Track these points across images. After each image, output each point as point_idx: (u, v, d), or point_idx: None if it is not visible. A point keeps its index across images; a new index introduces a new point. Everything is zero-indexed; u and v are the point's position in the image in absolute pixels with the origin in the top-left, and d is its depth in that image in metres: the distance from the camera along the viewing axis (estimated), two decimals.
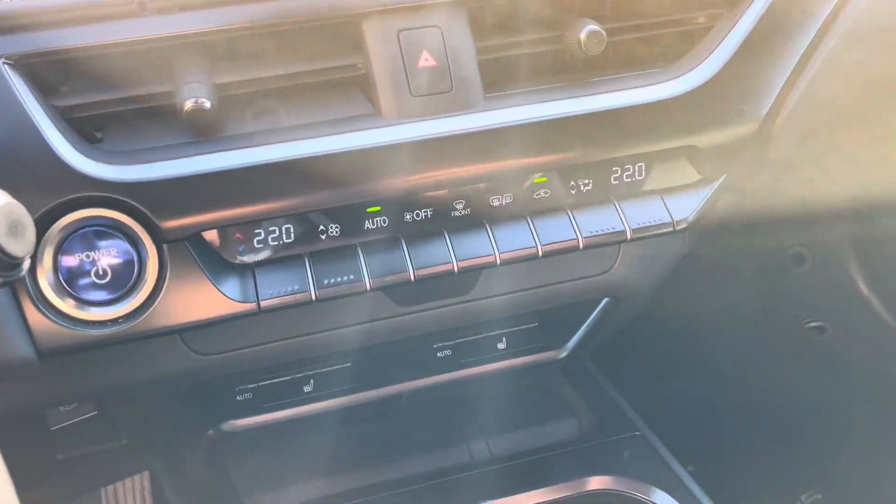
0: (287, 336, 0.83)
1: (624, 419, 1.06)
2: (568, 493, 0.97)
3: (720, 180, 0.80)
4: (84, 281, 0.65)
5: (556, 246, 0.75)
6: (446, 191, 0.74)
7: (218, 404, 0.83)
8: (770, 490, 1.90)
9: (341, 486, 0.99)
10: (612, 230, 0.76)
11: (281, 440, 1.06)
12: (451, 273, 0.73)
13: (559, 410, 1.12)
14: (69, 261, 0.64)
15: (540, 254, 0.75)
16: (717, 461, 1.08)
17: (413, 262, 0.72)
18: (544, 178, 0.76)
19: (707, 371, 2.02)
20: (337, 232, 0.73)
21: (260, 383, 0.84)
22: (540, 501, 0.95)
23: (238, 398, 0.83)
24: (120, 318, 0.66)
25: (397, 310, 0.86)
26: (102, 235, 0.65)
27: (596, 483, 0.98)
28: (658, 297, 1.11)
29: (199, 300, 0.68)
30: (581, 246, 0.75)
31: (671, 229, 0.77)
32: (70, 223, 0.64)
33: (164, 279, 0.67)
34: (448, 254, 0.73)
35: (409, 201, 0.73)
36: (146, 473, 1.46)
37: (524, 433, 1.08)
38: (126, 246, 0.66)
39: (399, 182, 0.71)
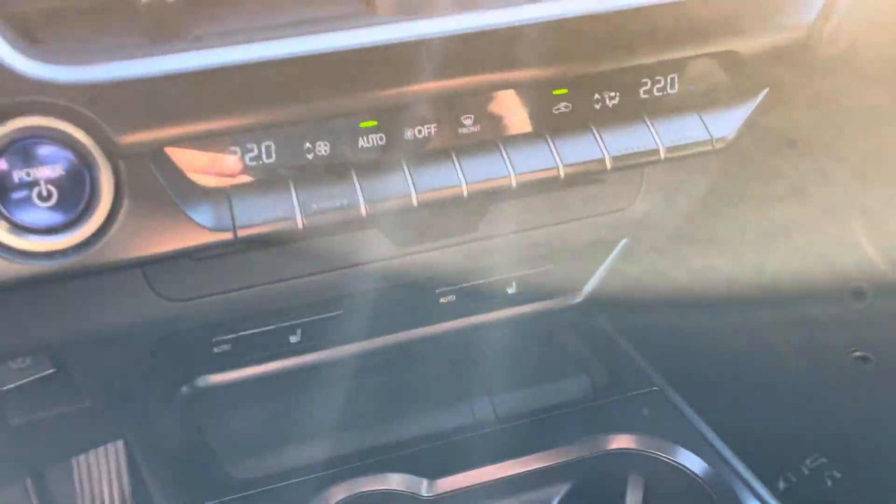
0: (269, 280, 0.73)
1: (641, 375, 0.98)
2: (585, 454, 0.88)
3: (763, 94, 0.70)
4: (24, 204, 0.54)
5: (580, 167, 0.65)
6: (452, 103, 0.64)
7: (192, 358, 0.73)
8: (775, 454, 1.84)
9: (333, 451, 0.90)
10: (643, 149, 0.66)
11: (264, 399, 0.96)
12: (460, 197, 0.63)
13: (569, 366, 1.03)
14: (5, 179, 0.54)
15: (562, 175, 0.65)
16: (734, 422, 0.99)
17: (416, 185, 0.62)
18: (565, 91, 0.66)
19: (726, 332, 1.95)
20: (326, 150, 0.62)
21: (239, 334, 0.74)
22: (555, 462, 0.87)
23: (215, 350, 0.73)
24: (70, 248, 0.56)
25: (396, 250, 0.76)
26: (46, 149, 0.54)
27: (615, 442, 0.89)
28: (676, 249, 1.02)
29: (165, 228, 0.58)
30: (608, 166, 0.65)
31: (710, 147, 0.67)
32: (6, 134, 0.53)
33: (122, 203, 0.56)
34: (456, 175, 0.63)
35: (409, 115, 0.63)
36: (120, 442, 1.37)
37: (535, 391, 0.99)
38: (75, 162, 0.55)
39: (395, 91, 0.60)
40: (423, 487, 0.86)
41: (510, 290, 0.81)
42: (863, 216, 1.17)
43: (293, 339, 0.75)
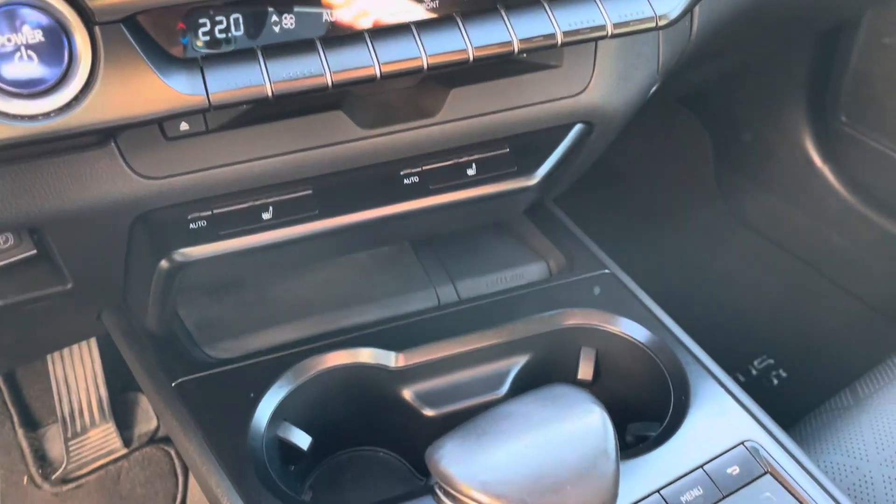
0: (240, 160, 0.77)
1: (594, 260, 1.04)
2: (542, 329, 0.95)
3: None
4: (6, 68, 0.58)
5: (533, 42, 0.70)
6: None
7: (169, 233, 0.77)
8: (721, 356, 1.95)
9: (304, 332, 0.96)
10: (592, 24, 0.70)
11: (239, 285, 1.01)
12: (419, 70, 0.67)
13: (529, 255, 1.09)
14: None
15: (516, 49, 0.69)
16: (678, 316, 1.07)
17: (379, 57, 0.66)
18: None
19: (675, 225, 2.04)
20: (292, 24, 0.66)
21: (214, 211, 0.78)
22: (514, 337, 0.93)
23: (191, 227, 0.77)
24: (52, 111, 0.59)
25: (360, 132, 0.80)
26: (26, 15, 0.57)
27: (568, 317, 0.96)
28: (628, 142, 1.07)
29: (142, 92, 0.61)
30: (560, 41, 0.70)
31: (654, 24, 0.72)
32: None
33: (99, 68, 0.60)
34: (417, 48, 0.67)
35: None
36: (93, 341, 1.41)
37: (496, 276, 1.05)
38: (55, 27, 0.58)
39: None
40: (392, 360, 0.92)
41: (470, 172, 0.85)
42: None
43: (265, 216, 0.79)
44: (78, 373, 1.49)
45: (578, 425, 0.60)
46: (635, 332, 0.93)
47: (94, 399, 1.53)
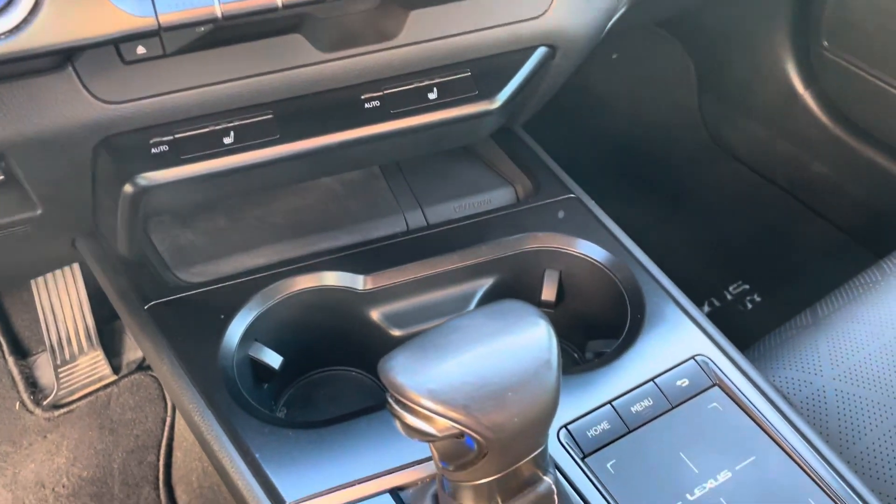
0: (200, 84, 0.78)
1: (560, 185, 1.06)
2: (508, 252, 0.97)
3: None
4: None
5: None
6: None
7: (132, 157, 0.78)
8: (698, 282, 1.99)
9: (272, 257, 0.98)
10: None
11: (208, 212, 1.03)
12: None
13: (497, 181, 1.10)
14: None
15: None
16: (648, 242, 1.09)
17: None
18: None
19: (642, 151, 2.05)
20: None
21: (176, 136, 0.79)
22: (481, 259, 0.96)
23: (153, 151, 0.78)
24: (0, 34, 0.60)
25: (319, 56, 0.81)
26: None
27: (533, 240, 0.98)
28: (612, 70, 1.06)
29: (90, 14, 0.62)
30: None
31: None
32: None
33: None
34: None
35: None
36: (78, 271, 1.44)
37: (464, 202, 1.07)
38: None
39: None
40: (359, 283, 0.94)
41: (431, 96, 0.86)
42: None
43: (227, 140, 0.80)
44: (63, 301, 1.52)
45: (524, 337, 0.63)
46: (595, 253, 0.95)
47: (81, 327, 1.57)
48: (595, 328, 0.97)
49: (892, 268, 1.16)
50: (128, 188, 0.79)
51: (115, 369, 1.59)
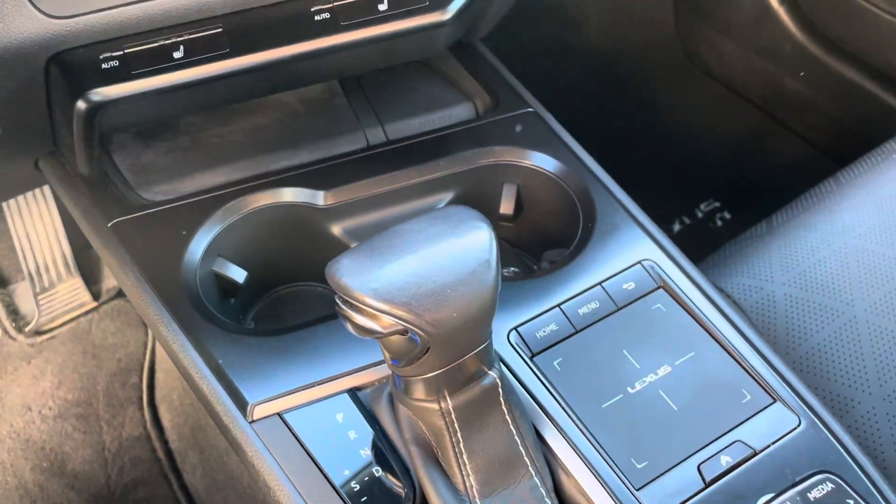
0: None
1: (518, 99, 1.06)
2: (461, 168, 0.98)
3: None
4: None
5: None
6: None
7: (83, 73, 0.78)
8: (670, 200, 2.02)
9: (236, 174, 0.99)
10: None
11: (171, 133, 1.03)
12: None
13: (457, 96, 1.11)
14: None
15: None
16: (612, 159, 1.10)
17: None
18: None
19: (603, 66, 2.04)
20: None
21: (126, 51, 0.79)
22: (441, 174, 0.97)
23: (104, 66, 0.79)
24: None
25: None
26: None
27: (487, 155, 1.00)
28: None
29: None
30: None
31: None
32: None
33: None
34: None
35: None
36: (51, 198, 1.45)
37: (424, 119, 1.08)
38: None
39: None
40: (319, 198, 0.96)
41: (381, 7, 0.86)
42: None
43: (177, 55, 0.81)
44: (38, 229, 1.53)
45: (465, 240, 0.65)
46: (550, 165, 0.97)
47: (59, 254, 1.58)
48: (551, 239, 0.99)
49: (847, 178, 1.19)
50: (81, 104, 0.80)
51: (95, 296, 1.62)
